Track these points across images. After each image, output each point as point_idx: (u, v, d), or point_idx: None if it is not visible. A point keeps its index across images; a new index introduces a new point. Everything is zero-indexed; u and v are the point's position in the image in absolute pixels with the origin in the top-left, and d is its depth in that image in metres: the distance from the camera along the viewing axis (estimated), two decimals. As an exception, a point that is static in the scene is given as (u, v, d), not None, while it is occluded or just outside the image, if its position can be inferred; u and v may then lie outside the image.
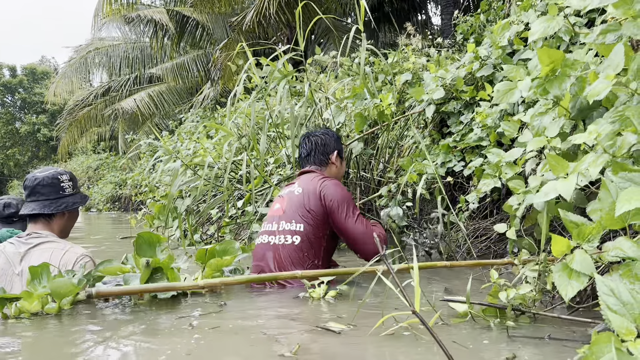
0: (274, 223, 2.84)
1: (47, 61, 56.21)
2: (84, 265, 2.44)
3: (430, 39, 8.30)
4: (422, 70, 5.24)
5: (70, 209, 2.72)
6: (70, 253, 2.58)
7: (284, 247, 2.72)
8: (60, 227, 2.75)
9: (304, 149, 3.17)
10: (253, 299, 2.43)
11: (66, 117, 20.59)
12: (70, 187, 2.76)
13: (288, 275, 2.42)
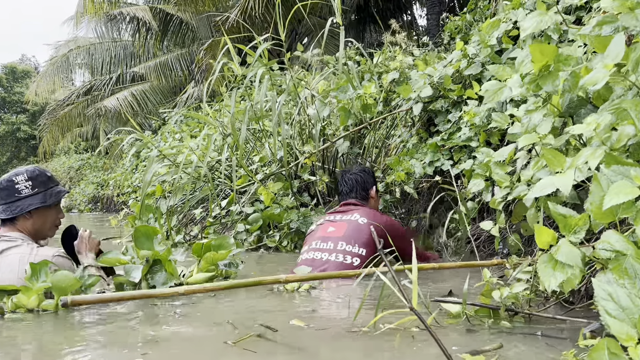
0: (330, 242, 3.09)
1: (27, 60, 55.38)
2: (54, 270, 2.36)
3: (416, 39, 8.29)
4: (409, 69, 5.19)
5: (24, 212, 2.58)
6: (40, 257, 2.44)
7: (341, 264, 2.95)
8: (30, 229, 2.65)
9: (345, 186, 3.50)
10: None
11: (47, 117, 20.27)
12: (28, 188, 2.61)
13: (271, 280, 2.28)
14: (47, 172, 2.73)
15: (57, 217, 2.77)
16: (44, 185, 2.66)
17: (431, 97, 4.36)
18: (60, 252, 2.57)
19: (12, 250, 2.48)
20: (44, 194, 2.64)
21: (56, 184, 2.74)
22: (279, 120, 3.96)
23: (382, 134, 5.40)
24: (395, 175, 4.02)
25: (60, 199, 2.72)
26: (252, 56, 4.15)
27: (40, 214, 2.65)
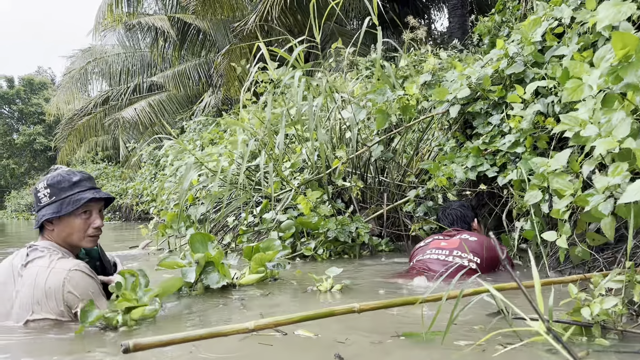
0: (445, 250, 3.33)
1: (44, 72, 55.99)
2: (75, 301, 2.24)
3: (438, 42, 8.13)
4: (442, 70, 5.04)
5: (38, 223, 2.42)
6: (54, 274, 2.26)
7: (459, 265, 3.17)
8: (56, 238, 2.46)
9: (446, 221, 3.64)
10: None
11: (65, 127, 20.36)
12: (46, 196, 2.41)
13: (344, 309, 2.07)
14: (74, 177, 2.45)
15: (88, 226, 2.46)
16: (62, 193, 2.41)
17: (468, 99, 4.21)
18: (79, 265, 2.32)
19: (35, 262, 2.34)
20: (61, 202, 2.39)
21: (82, 189, 2.44)
22: (316, 125, 3.83)
23: (411, 138, 5.26)
24: (437, 180, 3.86)
25: (76, 207, 2.38)
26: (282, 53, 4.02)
27: (62, 224, 2.42)
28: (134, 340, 1.47)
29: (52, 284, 2.24)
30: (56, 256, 2.35)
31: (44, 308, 2.24)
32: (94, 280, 2.36)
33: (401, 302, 1.87)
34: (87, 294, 2.27)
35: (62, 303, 2.24)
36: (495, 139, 3.95)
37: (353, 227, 4.11)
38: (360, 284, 3.21)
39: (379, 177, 4.87)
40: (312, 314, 1.69)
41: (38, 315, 2.25)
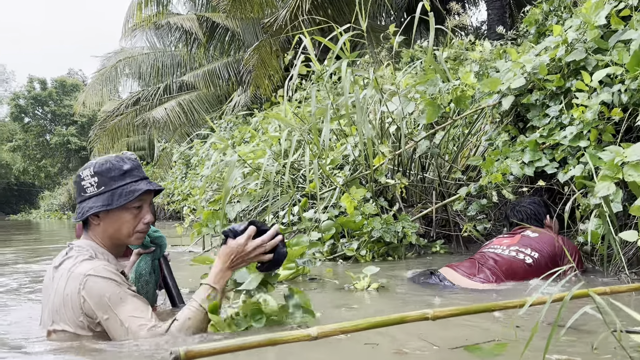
0: (504, 246, 3.27)
1: (74, 73, 57.04)
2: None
3: (477, 35, 7.84)
4: (490, 61, 4.76)
5: (85, 216, 2.06)
6: (72, 279, 1.95)
7: (513, 259, 3.14)
8: (101, 236, 2.12)
9: (515, 218, 3.49)
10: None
11: (98, 128, 20.54)
12: (93, 185, 2.06)
13: (417, 315, 1.82)
14: (125, 165, 2.10)
15: (139, 221, 2.13)
16: (113, 182, 2.07)
17: (521, 90, 3.93)
18: (95, 269, 1.95)
19: (64, 263, 2.03)
20: (111, 193, 2.05)
21: (135, 179, 2.09)
22: (362, 118, 3.60)
23: (455, 133, 4.99)
24: (491, 177, 3.60)
25: (129, 200, 2.05)
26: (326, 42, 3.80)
27: (110, 219, 2.09)
28: (185, 347, 1.30)
29: (70, 291, 1.94)
30: (83, 257, 2.02)
31: (62, 318, 1.96)
32: (113, 283, 1.93)
33: (481, 308, 1.63)
34: (103, 303, 1.90)
35: (80, 313, 1.93)
36: (553, 131, 3.66)
37: (399, 226, 3.87)
38: (400, 284, 3.23)
39: (423, 174, 4.62)
40: (382, 321, 1.48)
41: (57, 326, 1.99)
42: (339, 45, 3.56)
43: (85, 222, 2.12)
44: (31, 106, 49.50)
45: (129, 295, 1.94)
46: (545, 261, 3.15)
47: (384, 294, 2.92)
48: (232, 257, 1.95)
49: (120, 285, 1.94)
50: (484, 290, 2.92)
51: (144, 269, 2.41)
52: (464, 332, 1.98)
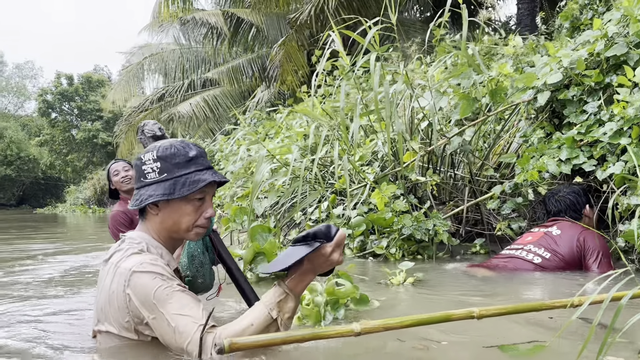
0: (522, 245, 3.43)
1: (100, 70, 57.73)
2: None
3: (504, 29, 7.69)
4: (524, 55, 4.65)
5: (143, 204, 1.86)
6: (118, 275, 1.78)
7: (522, 259, 3.32)
8: (158, 228, 1.93)
9: (554, 208, 3.49)
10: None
11: (123, 123, 20.77)
12: (155, 172, 1.86)
13: (462, 314, 1.65)
14: (191, 152, 1.89)
15: (200, 215, 1.91)
16: (177, 170, 1.86)
17: (557, 85, 3.82)
18: (142, 265, 1.76)
19: (113, 257, 1.87)
20: (174, 182, 1.84)
21: (200, 168, 1.89)
22: (392, 113, 3.53)
23: (486, 130, 4.89)
24: (527, 174, 3.50)
25: (193, 191, 1.83)
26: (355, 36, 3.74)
27: (170, 209, 1.88)
28: (229, 339, 1.29)
29: (115, 288, 1.78)
30: (132, 250, 1.84)
31: (107, 317, 1.81)
32: (158, 279, 1.73)
33: (527, 308, 1.57)
34: (149, 300, 1.70)
35: (125, 312, 1.75)
36: (592, 128, 3.55)
37: (430, 224, 3.79)
38: (434, 279, 3.30)
39: (453, 171, 4.53)
40: (426, 318, 1.43)
41: (102, 326, 1.83)
42: (368, 38, 3.49)
43: (142, 211, 1.95)
44: (58, 102, 50.24)
45: (176, 291, 1.73)
46: (559, 261, 3.26)
47: (421, 288, 3.02)
48: (321, 262, 1.67)
49: (167, 281, 1.74)
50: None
51: (195, 249, 2.20)
52: (500, 329, 1.91)
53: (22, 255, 5.91)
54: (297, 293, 1.70)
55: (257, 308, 1.66)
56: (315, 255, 1.64)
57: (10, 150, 47.94)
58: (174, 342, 1.65)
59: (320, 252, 1.63)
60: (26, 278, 4.04)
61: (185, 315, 1.66)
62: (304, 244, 1.65)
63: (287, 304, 1.66)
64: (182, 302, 1.70)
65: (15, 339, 2.19)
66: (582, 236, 3.28)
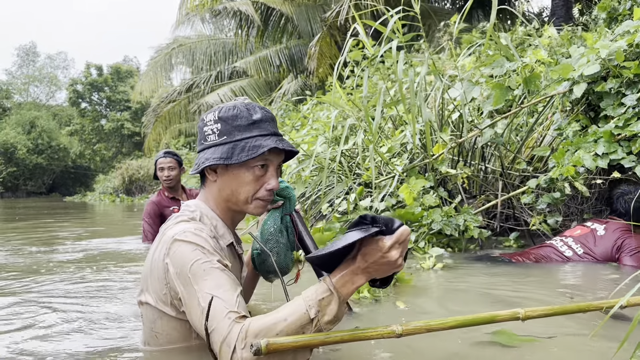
0: (564, 238, 3.45)
1: (129, 60, 58.46)
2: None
3: (540, 22, 7.52)
4: (559, 46, 4.53)
5: (199, 169, 1.71)
6: (162, 243, 1.63)
7: (556, 250, 3.37)
8: (216, 197, 1.76)
9: (619, 206, 3.40)
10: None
11: (151, 114, 20.99)
12: (215, 133, 1.70)
13: (508, 315, 1.58)
14: (255, 114, 1.71)
15: (261, 186, 1.72)
16: (237, 133, 1.68)
17: (594, 77, 3.71)
18: (184, 234, 1.59)
19: (164, 225, 1.73)
20: (233, 145, 1.67)
21: (264, 133, 1.70)
22: (419, 102, 3.46)
23: (518, 123, 4.78)
24: (563, 169, 3.41)
25: (252, 157, 1.64)
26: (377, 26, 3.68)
27: (228, 176, 1.72)
28: (266, 340, 1.24)
29: (157, 256, 1.64)
30: (182, 218, 1.70)
31: (148, 287, 1.67)
32: (198, 251, 1.55)
33: (574, 309, 1.52)
34: (184, 273, 1.53)
35: (164, 284, 1.60)
36: (630, 122, 3.44)
37: (460, 219, 3.73)
38: (464, 264, 3.44)
39: (484, 164, 4.44)
40: (470, 319, 1.39)
41: (143, 297, 1.69)
42: (389, 26, 3.43)
43: (202, 177, 1.78)
44: (88, 92, 51.09)
45: (215, 268, 1.53)
46: (591, 259, 3.27)
47: (451, 273, 3.18)
48: (376, 258, 1.35)
49: (208, 255, 1.55)
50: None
51: (271, 226, 1.93)
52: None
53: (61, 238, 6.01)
54: (344, 295, 1.40)
55: (295, 302, 1.41)
56: (370, 248, 1.34)
57: (41, 139, 48.92)
58: (199, 324, 1.47)
59: (376, 244, 1.33)
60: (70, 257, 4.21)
61: (218, 297, 1.45)
62: (357, 228, 1.34)
63: (330, 305, 1.39)
64: (218, 282, 1.50)
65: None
66: (622, 238, 3.24)
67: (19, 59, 58.49)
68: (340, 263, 1.41)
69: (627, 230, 3.27)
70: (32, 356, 1.80)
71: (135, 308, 2.00)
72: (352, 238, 1.29)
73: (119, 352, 1.83)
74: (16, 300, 2.71)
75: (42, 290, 3.01)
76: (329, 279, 1.41)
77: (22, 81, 57.77)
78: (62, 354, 1.83)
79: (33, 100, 57.24)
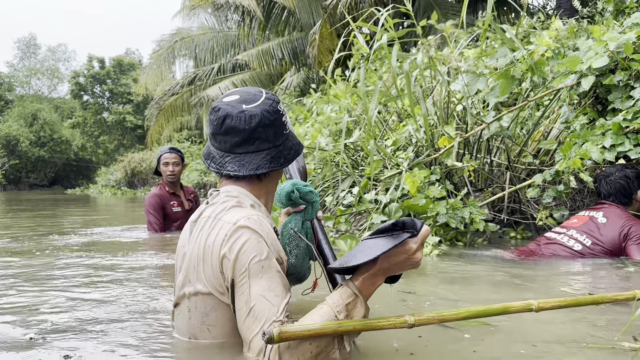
0: (565, 229, 3.41)
1: (131, 53, 58.31)
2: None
3: (545, 15, 7.46)
4: (566, 39, 4.49)
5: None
6: (217, 228, 1.56)
7: (562, 245, 3.32)
8: (260, 186, 1.72)
9: (603, 190, 3.43)
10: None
11: (154, 107, 20.95)
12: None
13: (521, 306, 1.72)
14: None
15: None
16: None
17: (602, 70, 3.68)
18: (249, 220, 1.52)
19: (205, 212, 1.66)
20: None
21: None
22: (417, 96, 3.45)
23: (524, 115, 4.76)
24: (570, 162, 3.39)
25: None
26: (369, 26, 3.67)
27: (276, 172, 1.77)
28: (278, 328, 1.24)
29: (212, 241, 1.54)
30: (232, 203, 1.62)
31: (199, 275, 1.57)
32: (263, 245, 1.51)
33: (588, 301, 1.51)
34: (243, 264, 1.47)
35: (218, 272, 1.52)
36: (638, 114, 3.41)
37: (466, 212, 3.71)
38: (459, 252, 3.56)
39: (490, 158, 4.42)
40: (483, 311, 1.38)
41: (191, 288, 1.59)
42: (380, 22, 3.43)
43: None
44: (90, 84, 51.05)
45: (273, 268, 1.50)
46: (601, 250, 3.21)
47: (446, 261, 3.35)
48: (401, 260, 1.39)
49: (271, 251, 1.52)
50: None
51: (292, 228, 1.85)
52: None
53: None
54: (366, 297, 1.44)
55: (322, 310, 1.41)
56: (398, 252, 1.38)
57: (43, 131, 48.93)
58: (242, 322, 1.44)
59: (402, 247, 1.37)
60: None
61: (268, 300, 1.44)
62: (386, 235, 1.38)
63: (356, 308, 1.41)
64: (271, 284, 1.47)
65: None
66: (628, 226, 3.21)
67: (20, 52, 58.40)
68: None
69: (629, 217, 3.28)
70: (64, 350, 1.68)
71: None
72: (386, 246, 1.31)
73: (161, 344, 1.72)
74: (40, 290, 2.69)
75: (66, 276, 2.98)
76: (352, 282, 1.43)
77: (24, 74, 57.68)
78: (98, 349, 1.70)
79: (35, 92, 57.19)
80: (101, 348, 1.70)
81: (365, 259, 1.33)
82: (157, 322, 2.00)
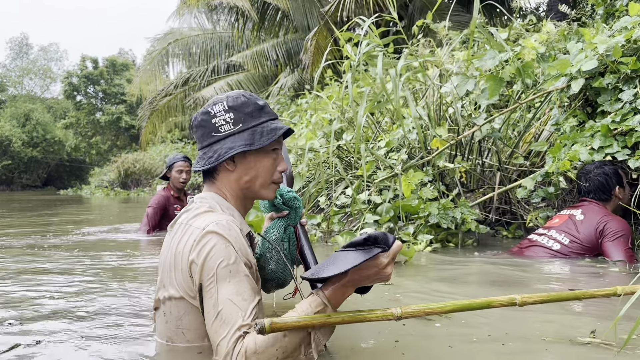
0: (546, 230, 3.49)
1: (125, 53, 58.16)
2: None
3: (537, 17, 7.54)
4: (556, 42, 4.55)
5: (222, 159, 1.68)
6: (187, 234, 1.62)
7: (542, 246, 3.41)
8: (233, 186, 1.76)
9: (582, 187, 3.49)
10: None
11: (147, 107, 20.93)
12: (229, 123, 1.71)
13: (505, 300, 1.76)
14: (259, 101, 1.76)
15: (275, 169, 1.78)
16: (251, 119, 1.72)
17: (591, 73, 3.73)
18: (217, 225, 1.57)
19: (180, 218, 1.71)
20: (252, 132, 1.71)
21: (271, 118, 1.77)
22: (407, 99, 3.50)
23: (516, 117, 4.82)
24: (559, 164, 3.44)
25: (273, 139, 1.71)
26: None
27: (247, 163, 1.73)
28: (269, 319, 1.29)
29: (182, 247, 1.60)
30: (203, 208, 1.68)
31: (172, 280, 1.62)
32: (231, 249, 1.55)
33: (570, 296, 1.56)
34: (210, 268, 1.52)
35: (188, 276, 1.58)
36: (627, 117, 3.47)
37: (457, 212, 3.76)
38: (450, 252, 3.69)
39: (481, 159, 4.47)
40: (468, 304, 1.43)
41: (164, 292, 1.66)
42: (363, 29, 3.49)
43: (209, 171, 1.78)
44: (83, 84, 50.85)
45: (241, 272, 1.54)
46: (578, 247, 3.30)
47: (435, 259, 3.51)
48: (371, 273, 1.45)
49: (239, 255, 1.56)
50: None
51: (274, 234, 1.90)
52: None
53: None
54: (335, 306, 1.48)
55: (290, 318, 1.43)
56: (369, 265, 1.43)
57: (36, 132, 48.68)
58: (210, 326, 1.49)
59: (376, 261, 1.42)
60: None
61: (236, 304, 1.48)
62: (359, 248, 1.43)
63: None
64: (239, 288, 1.51)
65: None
66: (604, 222, 3.30)
67: (12, 52, 58.12)
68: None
69: (606, 214, 3.35)
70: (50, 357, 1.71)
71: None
72: (357, 260, 1.36)
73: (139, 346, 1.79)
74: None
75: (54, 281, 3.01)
76: (322, 292, 1.48)
77: (16, 74, 57.39)
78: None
79: (28, 93, 56.90)
80: (75, 342, 1.80)
81: (336, 272, 1.38)
82: (138, 325, 2.07)
